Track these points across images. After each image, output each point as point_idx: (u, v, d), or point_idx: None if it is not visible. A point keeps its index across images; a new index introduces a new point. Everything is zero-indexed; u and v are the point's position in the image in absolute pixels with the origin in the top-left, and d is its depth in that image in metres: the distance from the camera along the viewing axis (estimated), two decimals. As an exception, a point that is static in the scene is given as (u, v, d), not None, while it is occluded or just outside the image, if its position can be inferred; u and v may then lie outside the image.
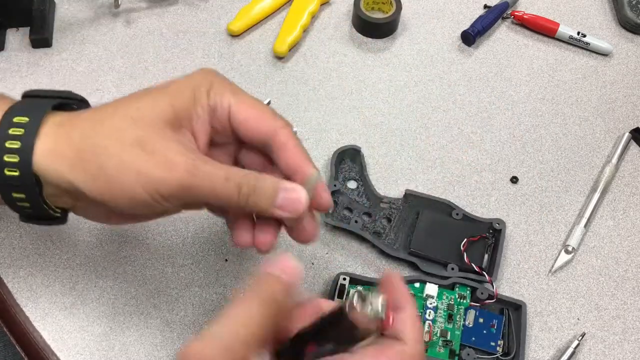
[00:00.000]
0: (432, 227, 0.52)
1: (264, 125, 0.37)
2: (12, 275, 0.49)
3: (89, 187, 0.33)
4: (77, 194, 0.34)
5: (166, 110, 0.35)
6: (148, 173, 0.33)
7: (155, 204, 0.34)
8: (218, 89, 0.37)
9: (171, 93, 0.36)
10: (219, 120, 0.37)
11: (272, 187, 0.35)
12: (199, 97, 0.36)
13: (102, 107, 0.35)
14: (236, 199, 0.35)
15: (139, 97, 0.36)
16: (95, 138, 0.33)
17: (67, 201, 0.36)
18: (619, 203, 0.56)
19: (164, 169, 0.33)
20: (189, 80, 0.37)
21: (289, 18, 0.64)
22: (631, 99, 0.63)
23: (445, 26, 0.67)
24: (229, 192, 0.34)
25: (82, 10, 0.64)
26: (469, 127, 0.60)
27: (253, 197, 0.35)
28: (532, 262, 0.52)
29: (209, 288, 0.49)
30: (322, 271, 0.50)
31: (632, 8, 0.67)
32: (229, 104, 0.37)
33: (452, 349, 0.46)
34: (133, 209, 0.34)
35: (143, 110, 0.35)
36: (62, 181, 0.33)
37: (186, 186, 0.33)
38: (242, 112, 0.37)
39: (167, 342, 0.47)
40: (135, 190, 0.33)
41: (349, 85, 0.62)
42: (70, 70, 0.60)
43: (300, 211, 0.36)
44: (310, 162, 0.38)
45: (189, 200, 0.35)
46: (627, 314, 0.50)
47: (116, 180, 0.33)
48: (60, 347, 0.46)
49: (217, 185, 0.34)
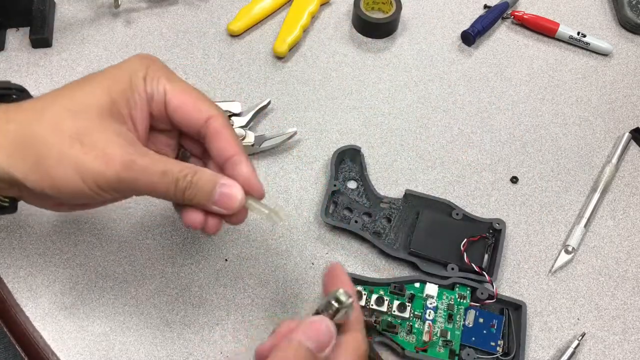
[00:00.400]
0: (432, 227, 0.52)
1: (197, 112, 0.37)
2: (12, 275, 0.48)
3: (28, 177, 0.33)
4: (18, 184, 0.34)
5: (103, 99, 0.35)
6: (86, 166, 0.33)
7: (95, 195, 0.34)
8: (154, 75, 0.37)
9: (108, 81, 0.36)
10: (156, 106, 0.37)
11: (210, 183, 0.36)
12: (136, 83, 0.36)
13: (40, 98, 0.35)
14: (173, 193, 0.35)
15: (77, 86, 0.36)
16: (33, 129, 0.34)
17: (11, 191, 0.36)
18: (619, 203, 0.56)
19: (101, 162, 0.33)
20: (125, 67, 0.37)
21: (289, 18, 0.64)
22: (631, 99, 0.63)
23: (445, 26, 0.67)
24: (165, 186, 0.35)
25: (82, 10, 0.64)
26: (469, 127, 0.60)
27: (190, 191, 0.35)
28: (532, 262, 0.52)
29: (209, 288, 0.49)
30: (322, 271, 0.50)
31: (632, 8, 0.67)
32: (165, 90, 0.37)
33: (452, 349, 0.46)
34: (74, 199, 0.35)
35: (81, 100, 0.35)
36: (1, 172, 0.33)
37: (123, 180, 0.34)
38: (176, 98, 0.37)
39: (167, 342, 0.47)
40: (74, 182, 0.33)
41: (349, 85, 0.62)
42: (70, 70, 0.60)
43: (235, 208, 0.37)
44: (243, 151, 0.38)
45: (128, 193, 0.36)
46: (627, 314, 0.50)
47: (55, 172, 0.33)
48: (61, 347, 0.46)
49: (153, 179, 0.34)
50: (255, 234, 0.52)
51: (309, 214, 0.53)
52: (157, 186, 0.35)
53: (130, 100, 0.36)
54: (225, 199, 0.36)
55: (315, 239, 0.52)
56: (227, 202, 0.36)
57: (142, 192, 0.35)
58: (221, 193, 0.36)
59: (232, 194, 0.37)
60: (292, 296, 0.49)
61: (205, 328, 0.47)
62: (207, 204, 0.36)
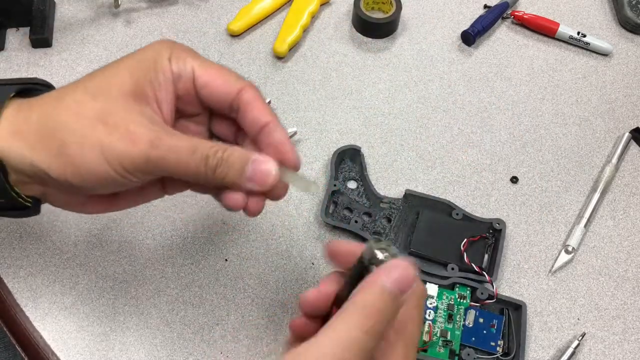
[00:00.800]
0: (432, 227, 0.52)
1: (227, 86, 0.36)
2: (12, 275, 0.48)
3: (52, 165, 0.32)
4: (43, 176, 0.33)
5: (126, 81, 0.34)
6: (110, 147, 0.32)
7: (121, 179, 0.33)
8: (180, 55, 0.36)
9: (130, 63, 0.35)
10: (184, 86, 0.36)
11: (241, 159, 0.34)
12: (160, 64, 0.35)
13: (62, 88, 0.35)
14: (204, 172, 0.34)
15: (98, 71, 0.35)
16: (55, 116, 0.33)
17: (35, 188, 0.35)
18: (619, 203, 0.56)
19: (126, 142, 0.32)
20: (149, 49, 0.36)
21: (289, 18, 0.64)
22: (631, 99, 0.63)
23: (445, 26, 0.67)
24: (195, 164, 0.33)
25: (82, 10, 0.64)
26: (469, 127, 0.60)
27: (221, 169, 0.34)
28: (532, 262, 0.52)
29: (209, 288, 0.49)
30: (322, 271, 0.50)
31: (632, 8, 0.67)
32: (192, 68, 0.36)
33: (452, 349, 0.46)
34: (99, 186, 0.34)
35: (102, 83, 0.34)
36: (25, 163, 0.33)
37: (150, 159, 0.32)
38: (206, 74, 0.36)
39: (167, 342, 0.47)
40: (99, 166, 0.32)
41: (349, 85, 0.62)
42: (70, 70, 0.60)
43: (269, 183, 0.35)
44: (277, 120, 0.36)
45: (156, 174, 0.34)
46: (627, 314, 0.50)
47: (79, 157, 0.32)
48: (61, 347, 0.46)
49: (182, 158, 0.33)
50: (255, 234, 0.52)
51: (309, 214, 0.53)
52: (186, 165, 0.33)
53: (154, 81, 0.35)
54: (258, 175, 0.34)
55: (315, 239, 0.52)
56: (261, 177, 0.34)
57: (171, 172, 0.33)
58: (254, 169, 0.34)
59: (266, 169, 0.34)
60: (292, 296, 0.49)
61: (205, 328, 0.47)
62: (240, 182, 0.34)
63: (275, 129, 0.36)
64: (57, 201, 0.37)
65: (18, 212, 0.36)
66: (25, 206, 0.35)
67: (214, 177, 0.34)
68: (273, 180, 0.35)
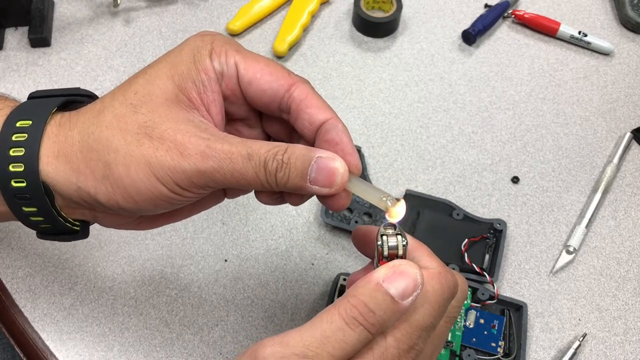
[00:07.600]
0: (432, 227, 0.51)
1: (276, 82, 0.32)
2: (11, 275, 0.48)
3: (99, 190, 0.30)
4: (91, 201, 0.30)
5: (166, 86, 0.31)
6: (159, 163, 0.29)
7: (176, 196, 0.30)
8: (220, 49, 0.32)
9: (168, 65, 0.31)
10: (229, 84, 0.32)
11: (304, 157, 0.30)
12: (201, 62, 0.31)
13: (100, 100, 0.32)
14: (264, 179, 0.30)
15: (135, 79, 0.32)
16: (97, 133, 0.30)
17: (84, 212, 0.32)
18: (620, 203, 0.56)
19: (175, 155, 0.29)
20: (186, 47, 0.32)
21: (289, 17, 0.63)
22: (632, 99, 0.63)
23: (445, 25, 0.67)
24: (253, 171, 0.29)
25: (81, 10, 0.64)
26: (470, 127, 0.60)
27: (282, 173, 0.30)
28: (533, 263, 0.52)
29: (208, 288, 0.49)
30: (322, 271, 0.50)
31: (634, 7, 0.67)
32: (235, 63, 0.32)
33: (452, 349, 0.46)
34: (153, 207, 0.30)
35: (142, 92, 0.31)
36: (72, 188, 0.30)
37: (203, 171, 0.29)
38: (251, 70, 0.32)
39: (166, 343, 0.46)
40: (150, 186, 0.29)
41: (349, 84, 0.61)
42: (69, 70, 0.60)
43: (337, 183, 0.30)
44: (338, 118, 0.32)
45: (212, 186, 0.30)
46: (628, 315, 0.50)
47: (127, 178, 0.29)
48: (59, 348, 0.46)
49: (237, 166, 0.29)
50: (255, 234, 0.52)
51: (309, 214, 0.53)
52: (243, 173, 0.29)
53: (197, 83, 0.31)
54: (324, 174, 0.30)
55: (315, 239, 0.52)
56: (327, 177, 0.30)
57: (228, 183, 0.30)
58: (319, 168, 0.30)
59: (333, 168, 0.30)
60: (292, 296, 0.49)
61: (204, 329, 0.47)
62: (303, 185, 0.30)
63: (336, 126, 0.32)
64: (108, 223, 0.34)
65: (65, 236, 0.33)
66: (73, 230, 0.33)
67: (275, 182, 0.30)
68: (341, 180, 0.30)
